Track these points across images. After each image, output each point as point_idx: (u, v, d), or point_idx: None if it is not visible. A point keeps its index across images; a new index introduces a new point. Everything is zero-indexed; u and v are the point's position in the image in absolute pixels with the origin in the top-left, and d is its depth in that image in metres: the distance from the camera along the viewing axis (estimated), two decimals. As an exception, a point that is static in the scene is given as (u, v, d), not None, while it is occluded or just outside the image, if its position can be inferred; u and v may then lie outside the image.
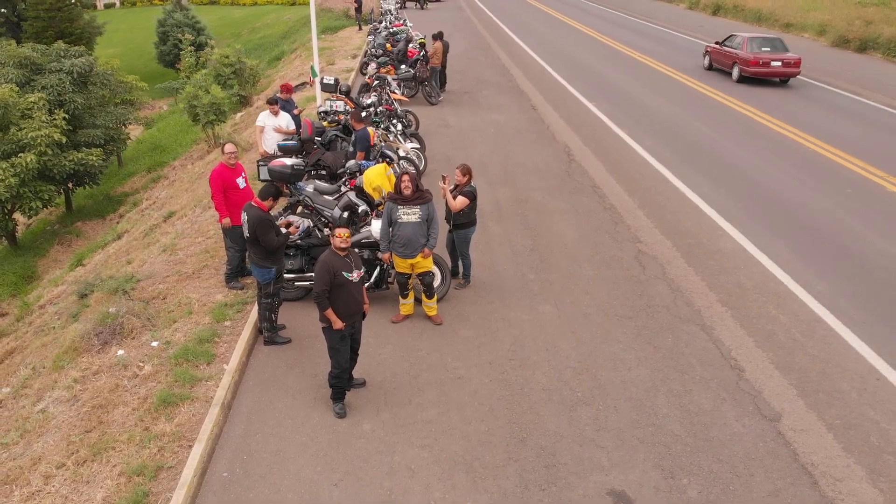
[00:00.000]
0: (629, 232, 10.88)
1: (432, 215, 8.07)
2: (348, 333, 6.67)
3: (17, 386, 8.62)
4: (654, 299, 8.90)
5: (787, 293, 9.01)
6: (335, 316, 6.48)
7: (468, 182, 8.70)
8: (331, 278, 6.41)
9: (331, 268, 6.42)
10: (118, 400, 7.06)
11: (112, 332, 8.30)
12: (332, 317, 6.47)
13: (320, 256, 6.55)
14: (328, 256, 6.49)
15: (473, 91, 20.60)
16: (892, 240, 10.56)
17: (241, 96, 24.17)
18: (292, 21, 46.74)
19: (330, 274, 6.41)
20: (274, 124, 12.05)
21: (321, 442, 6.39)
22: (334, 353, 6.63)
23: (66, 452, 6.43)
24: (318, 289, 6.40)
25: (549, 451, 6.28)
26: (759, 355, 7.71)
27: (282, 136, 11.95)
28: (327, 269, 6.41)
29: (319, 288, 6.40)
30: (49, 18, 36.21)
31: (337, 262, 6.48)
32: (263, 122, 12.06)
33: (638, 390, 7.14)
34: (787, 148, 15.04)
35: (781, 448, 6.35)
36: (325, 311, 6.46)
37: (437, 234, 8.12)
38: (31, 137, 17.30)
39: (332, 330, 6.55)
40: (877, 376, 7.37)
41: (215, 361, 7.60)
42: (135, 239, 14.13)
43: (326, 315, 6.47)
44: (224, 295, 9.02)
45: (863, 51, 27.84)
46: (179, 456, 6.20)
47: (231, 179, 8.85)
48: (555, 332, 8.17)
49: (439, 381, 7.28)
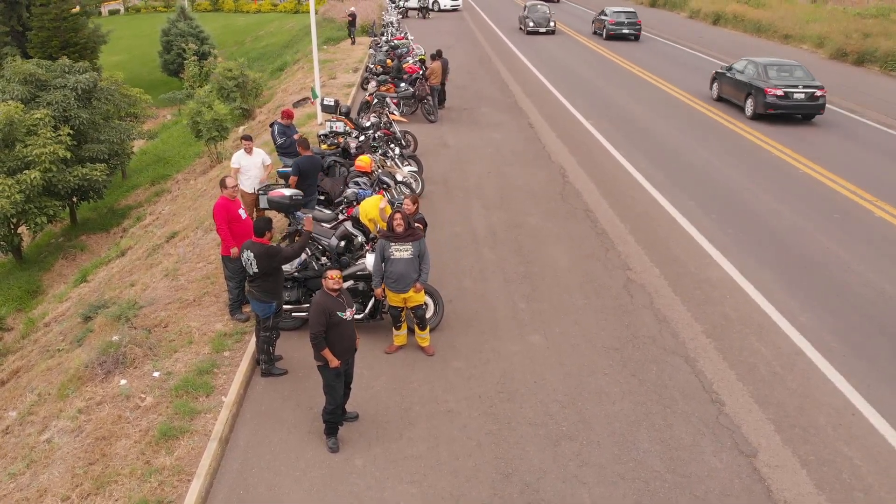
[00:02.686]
0: (619, 259, 11.15)
1: (424, 251, 8.34)
2: (343, 370, 6.95)
3: (23, 412, 8.91)
4: (640, 329, 9.16)
5: (770, 325, 9.27)
6: (332, 355, 6.76)
7: (416, 211, 8.94)
8: (326, 319, 6.69)
9: (325, 309, 6.70)
10: (121, 432, 7.35)
11: (115, 361, 8.59)
12: (328, 356, 6.75)
13: (314, 298, 6.83)
14: (322, 298, 6.77)
15: (472, 108, 20.88)
16: (876, 269, 10.81)
17: (244, 109, 24.50)
18: (295, 30, 47.06)
19: (325, 315, 6.69)
20: (248, 164, 11.22)
21: (314, 477, 6.67)
22: (329, 390, 6.90)
23: (70, 485, 6.71)
24: (315, 330, 6.68)
25: (533, 487, 6.55)
26: (740, 389, 7.97)
27: (262, 174, 11.38)
28: (322, 310, 6.69)
29: (316, 329, 6.67)
30: (54, 28, 36.56)
31: (330, 303, 6.76)
32: (238, 162, 11.23)
33: (621, 424, 7.40)
34: (779, 170, 15.28)
35: (756, 484, 6.61)
36: (322, 352, 6.73)
37: (428, 268, 8.40)
38: (35, 154, 17.64)
39: (329, 368, 6.83)
40: (852, 411, 7.63)
41: (214, 393, 7.88)
42: (138, 258, 14.43)
43: (323, 355, 6.75)
44: (223, 324, 9.31)
45: (860, 64, 28.08)
46: (179, 490, 6.48)
47: (234, 211, 9.15)
48: (543, 364, 8.44)
49: (430, 415, 7.56)
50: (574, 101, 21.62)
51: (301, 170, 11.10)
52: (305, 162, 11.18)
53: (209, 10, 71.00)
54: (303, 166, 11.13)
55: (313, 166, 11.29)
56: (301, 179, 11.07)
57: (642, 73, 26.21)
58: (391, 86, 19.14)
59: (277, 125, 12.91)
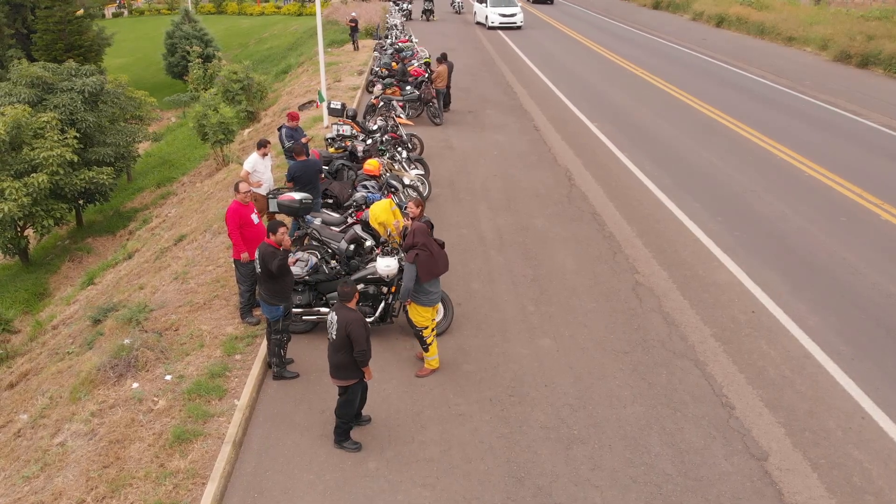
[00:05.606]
0: (627, 262, 11.18)
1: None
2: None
3: (34, 415, 8.96)
4: (649, 333, 9.20)
5: (778, 328, 9.30)
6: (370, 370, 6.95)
7: (421, 214, 8.95)
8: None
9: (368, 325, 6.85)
10: (134, 435, 7.40)
11: (127, 364, 8.64)
12: (369, 372, 6.90)
13: (355, 317, 6.73)
14: (361, 316, 6.84)
15: (477, 110, 20.93)
16: (882, 272, 10.84)
17: (249, 112, 24.58)
18: (299, 32, 47.18)
19: (369, 331, 6.80)
20: (263, 168, 11.35)
21: (328, 481, 6.71)
22: (350, 406, 7.01)
23: (85, 488, 6.76)
24: (367, 347, 6.71)
25: (545, 490, 6.58)
26: (750, 392, 8.00)
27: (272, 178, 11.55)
28: (367, 327, 6.78)
29: (367, 346, 6.72)
30: (58, 31, 36.73)
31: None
32: (253, 166, 11.20)
33: (632, 428, 7.44)
34: (784, 173, 15.31)
35: (768, 488, 6.64)
36: (366, 367, 6.82)
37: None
38: (43, 157, 17.72)
39: (360, 383, 6.94)
40: (862, 415, 7.66)
41: (226, 396, 7.93)
42: (146, 261, 14.48)
43: (366, 370, 6.85)
44: (234, 327, 9.36)
45: (864, 66, 28.07)
46: (194, 493, 6.53)
47: (246, 216, 9.20)
48: (553, 368, 8.48)
49: (441, 418, 7.60)
50: (578, 103, 21.66)
51: (294, 175, 11.13)
52: (298, 167, 11.19)
53: (213, 13, 71.15)
54: (295, 172, 11.16)
55: (306, 171, 11.19)
56: (295, 184, 11.10)
57: (645, 74, 26.25)
58: (397, 89, 19.20)
59: (285, 128, 12.99)
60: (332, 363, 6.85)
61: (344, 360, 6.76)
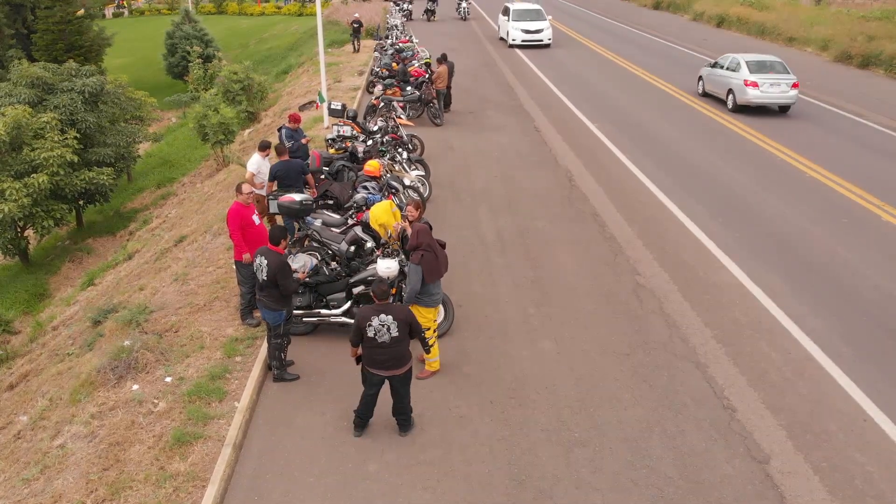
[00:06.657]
0: (628, 263, 11.16)
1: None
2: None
3: (34, 417, 8.94)
4: (650, 335, 9.18)
5: (780, 330, 9.28)
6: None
7: (420, 216, 8.90)
8: None
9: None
10: (134, 437, 7.38)
11: (127, 366, 8.62)
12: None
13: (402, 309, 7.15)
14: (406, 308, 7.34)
15: (478, 111, 20.91)
16: (885, 274, 10.82)
17: (249, 112, 24.56)
18: (299, 32, 47.17)
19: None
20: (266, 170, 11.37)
21: (328, 483, 6.69)
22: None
23: (85, 491, 6.74)
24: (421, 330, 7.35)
25: (546, 493, 6.56)
26: (751, 395, 7.98)
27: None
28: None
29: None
30: (59, 31, 36.71)
31: None
32: (257, 167, 11.32)
33: (633, 430, 7.42)
34: (786, 174, 15.29)
35: (769, 491, 6.62)
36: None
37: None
38: (43, 158, 17.70)
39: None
40: (864, 417, 7.63)
41: (227, 399, 7.91)
42: (146, 262, 14.46)
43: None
44: (235, 329, 9.34)
45: (865, 67, 28.05)
46: (194, 496, 6.51)
47: (247, 217, 9.18)
48: (554, 370, 8.46)
49: (442, 420, 7.58)
50: (579, 104, 21.64)
51: (275, 175, 11.13)
52: (280, 167, 11.16)
53: (213, 13, 71.18)
54: (276, 171, 11.15)
55: (288, 171, 11.16)
56: (279, 184, 11.09)
57: (646, 75, 26.23)
58: (397, 89, 19.18)
59: (285, 129, 12.96)
60: (394, 357, 7.02)
61: (406, 351, 7.10)
